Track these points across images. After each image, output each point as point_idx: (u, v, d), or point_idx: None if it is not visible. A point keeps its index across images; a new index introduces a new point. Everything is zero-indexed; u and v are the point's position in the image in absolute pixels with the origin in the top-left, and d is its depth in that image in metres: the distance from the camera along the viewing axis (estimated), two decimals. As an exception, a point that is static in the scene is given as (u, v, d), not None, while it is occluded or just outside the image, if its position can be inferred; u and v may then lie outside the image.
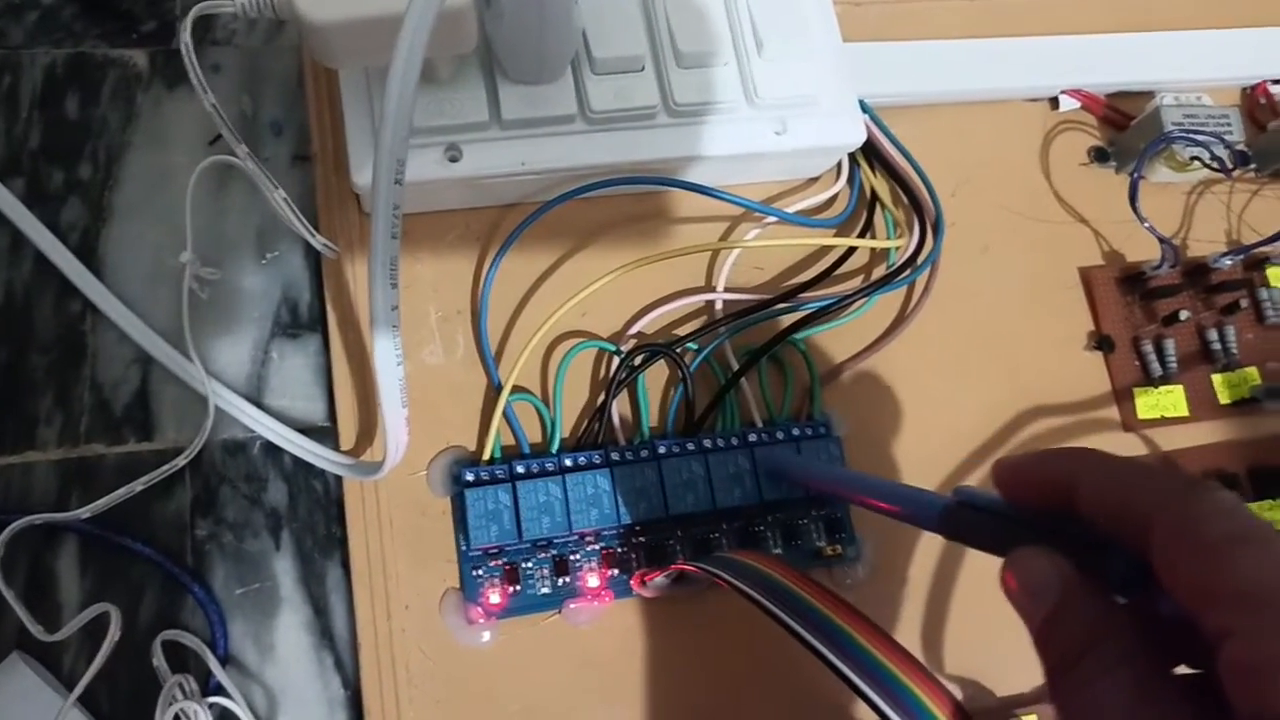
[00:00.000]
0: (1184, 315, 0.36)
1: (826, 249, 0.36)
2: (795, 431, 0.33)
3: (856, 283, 0.36)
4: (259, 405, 0.34)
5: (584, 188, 0.33)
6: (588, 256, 0.35)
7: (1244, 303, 0.37)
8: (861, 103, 0.36)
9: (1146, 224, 0.36)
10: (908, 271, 0.35)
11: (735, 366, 0.34)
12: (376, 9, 0.27)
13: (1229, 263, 0.37)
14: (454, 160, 0.32)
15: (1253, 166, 0.40)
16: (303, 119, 0.37)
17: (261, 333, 0.35)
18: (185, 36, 0.29)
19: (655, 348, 0.33)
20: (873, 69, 0.37)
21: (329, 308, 0.34)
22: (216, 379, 0.34)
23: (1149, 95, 0.39)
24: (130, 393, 0.34)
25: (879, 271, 0.36)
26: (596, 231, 0.35)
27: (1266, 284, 0.38)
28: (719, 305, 0.35)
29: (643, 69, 0.33)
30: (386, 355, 0.25)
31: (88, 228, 0.35)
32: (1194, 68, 0.40)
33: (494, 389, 0.33)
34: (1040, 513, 0.20)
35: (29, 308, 0.34)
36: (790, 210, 0.36)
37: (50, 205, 0.35)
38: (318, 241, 0.32)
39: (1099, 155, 0.39)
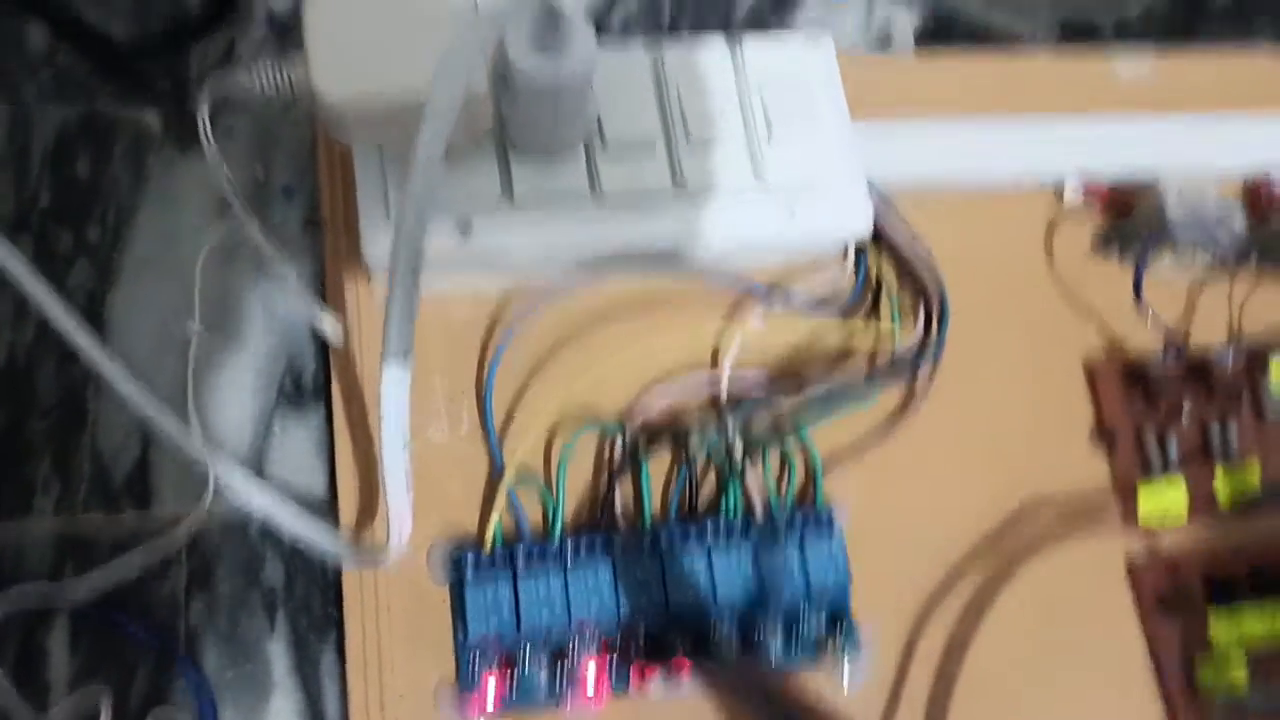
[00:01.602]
0: (1186, 409, 0.37)
1: (831, 333, 0.36)
2: (798, 518, 0.33)
3: (861, 367, 0.36)
4: (259, 479, 0.34)
5: (593, 266, 0.33)
6: (595, 335, 0.35)
7: (1246, 398, 0.37)
8: (870, 184, 0.36)
9: (1150, 317, 0.36)
10: (912, 360, 0.35)
11: (739, 451, 0.34)
12: (397, 97, 0.27)
13: (1231, 357, 0.37)
14: (465, 233, 0.32)
15: (1255, 259, 0.40)
16: (315, 184, 0.37)
17: (265, 404, 0.35)
18: (203, 116, 0.29)
19: (658, 431, 0.33)
20: (878, 149, 0.37)
21: (334, 379, 0.34)
22: (218, 450, 0.34)
23: (1153, 184, 0.39)
24: (130, 462, 0.34)
25: (884, 356, 0.36)
26: (604, 310, 0.35)
27: (1269, 380, 0.38)
28: (724, 388, 0.35)
29: (655, 149, 0.33)
30: (394, 455, 0.25)
31: (94, 291, 0.35)
32: (1199, 156, 0.40)
33: (497, 469, 0.33)
34: None
35: (31, 371, 0.34)
36: (796, 293, 0.36)
37: (57, 267, 0.35)
38: (327, 327, 0.32)
39: (1103, 244, 0.39)
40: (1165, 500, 0.36)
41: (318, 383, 0.35)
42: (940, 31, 0.44)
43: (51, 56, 0.38)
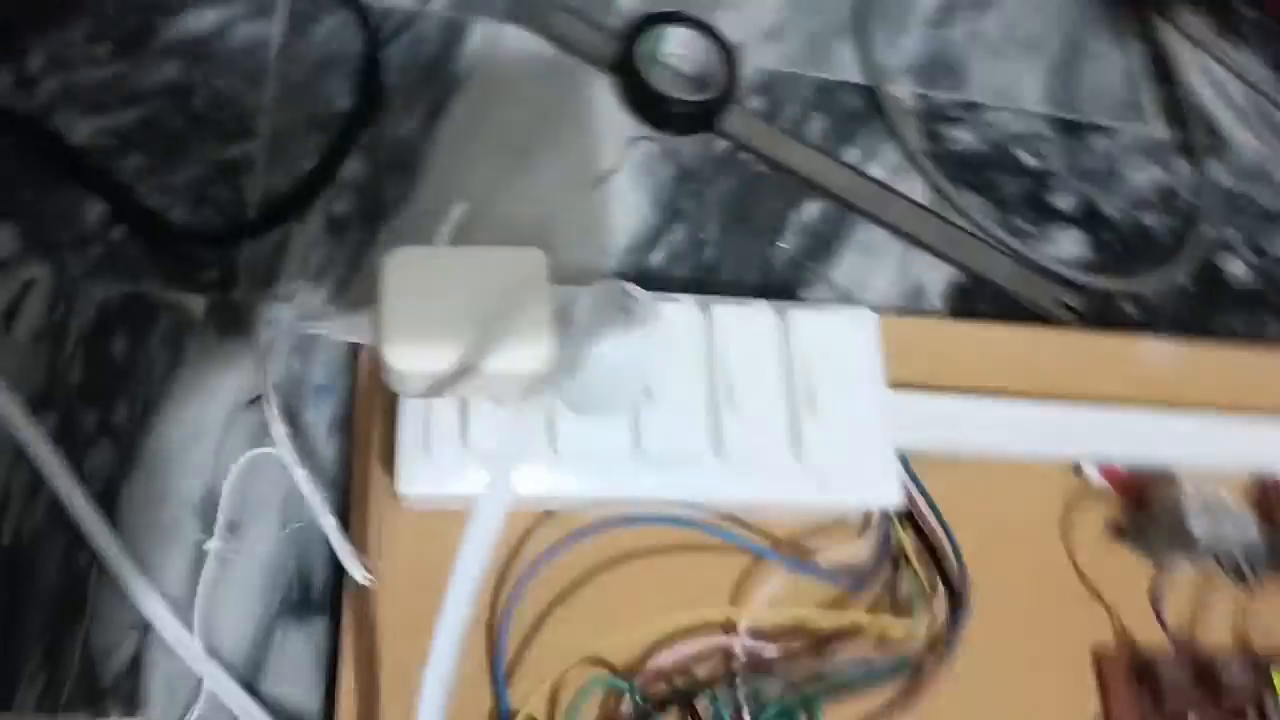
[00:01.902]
0: (1191, 717, 0.36)
1: (849, 605, 0.36)
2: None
3: (877, 643, 0.36)
4: (254, 692, 0.33)
5: (624, 519, 0.34)
6: (611, 585, 0.35)
7: (1250, 710, 0.37)
8: (900, 457, 0.36)
9: (1163, 622, 0.36)
10: (928, 648, 0.35)
11: None
12: (459, 363, 0.28)
13: (1236, 668, 0.37)
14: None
15: (1266, 565, 0.40)
16: (351, 387, 0.37)
17: (268, 609, 0.34)
18: (265, 372, 0.29)
19: (667, 690, 0.33)
20: (905, 417, 0.38)
21: (345, 594, 0.33)
22: (214, 655, 0.33)
23: (1170, 477, 0.40)
24: (123, 661, 0.33)
25: (900, 633, 0.36)
26: (627, 562, 0.35)
27: (1275, 692, 0.38)
28: (739, 651, 0.34)
29: (699, 413, 0.34)
30: None
31: (112, 476, 0.35)
32: (1214, 452, 0.41)
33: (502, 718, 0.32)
34: None
35: (34, 553, 0.33)
36: (818, 560, 0.36)
37: (78, 447, 0.35)
38: (355, 568, 0.31)
39: (1119, 532, 0.40)
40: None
41: (327, 592, 0.35)
42: (969, 294, 0.46)
43: (104, 233, 0.38)
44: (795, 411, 0.34)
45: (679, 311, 0.35)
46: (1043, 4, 0.55)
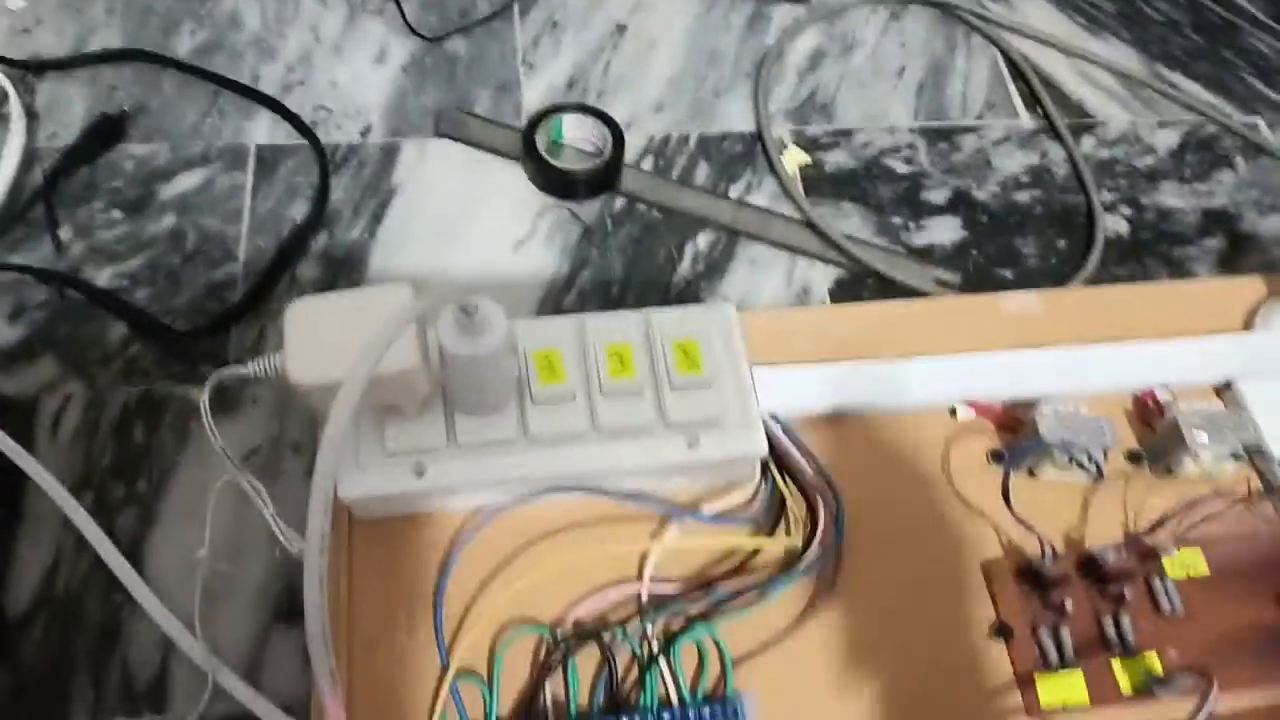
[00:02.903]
0: (1069, 605, 0.40)
1: (741, 544, 0.42)
2: (706, 712, 0.37)
3: (768, 571, 0.41)
4: (255, 685, 0.40)
5: (528, 495, 0.40)
6: (535, 552, 0.41)
7: (1129, 592, 0.40)
8: (775, 416, 0.42)
9: (1024, 521, 0.40)
10: (803, 564, 0.40)
11: (656, 648, 0.39)
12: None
13: (1113, 555, 0.41)
14: (420, 475, 0.39)
15: (1147, 463, 0.44)
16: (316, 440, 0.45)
17: (263, 618, 0.42)
18: (204, 402, 0.38)
19: (584, 632, 0.39)
20: (788, 388, 0.44)
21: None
22: (220, 660, 0.40)
23: (1033, 403, 0.44)
24: (152, 672, 0.41)
25: (789, 561, 0.41)
26: (542, 530, 0.41)
27: (1161, 574, 0.41)
28: (645, 595, 0.40)
29: (574, 399, 0.40)
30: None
31: (137, 532, 0.44)
32: (1080, 380, 0.46)
33: (443, 668, 0.38)
34: None
35: (82, 598, 0.42)
36: (710, 510, 0.42)
37: (110, 514, 0.44)
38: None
39: (996, 457, 0.44)
40: (1064, 690, 0.39)
41: (308, 602, 0.42)
42: (851, 286, 0.52)
43: (124, 350, 0.48)
44: (660, 389, 0.41)
45: (557, 324, 0.42)
46: (905, 37, 0.62)
